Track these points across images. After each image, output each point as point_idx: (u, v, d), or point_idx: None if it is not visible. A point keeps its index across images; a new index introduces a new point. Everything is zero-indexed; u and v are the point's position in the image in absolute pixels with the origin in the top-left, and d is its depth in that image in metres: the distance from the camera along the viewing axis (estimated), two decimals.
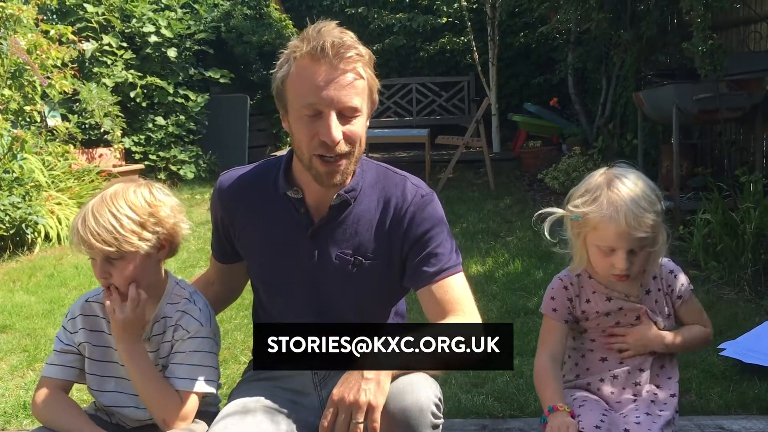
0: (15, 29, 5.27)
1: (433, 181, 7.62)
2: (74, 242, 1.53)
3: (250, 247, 1.70)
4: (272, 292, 1.72)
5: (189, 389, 1.56)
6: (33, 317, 3.85)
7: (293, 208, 1.62)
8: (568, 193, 1.73)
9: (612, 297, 1.72)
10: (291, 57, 1.48)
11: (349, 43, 1.45)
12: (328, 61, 1.43)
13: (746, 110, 4.57)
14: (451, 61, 10.65)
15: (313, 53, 1.44)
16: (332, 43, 1.43)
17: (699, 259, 4.03)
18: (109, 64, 7.72)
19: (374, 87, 1.53)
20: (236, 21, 9.01)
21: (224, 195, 1.70)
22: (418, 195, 1.62)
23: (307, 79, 1.45)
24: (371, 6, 10.20)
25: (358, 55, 1.47)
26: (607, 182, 1.64)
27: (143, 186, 1.59)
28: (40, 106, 5.91)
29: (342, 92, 1.45)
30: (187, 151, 8.23)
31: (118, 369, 1.62)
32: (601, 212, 1.60)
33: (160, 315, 1.62)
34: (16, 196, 5.12)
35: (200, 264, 4.82)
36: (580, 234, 1.67)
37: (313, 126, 1.46)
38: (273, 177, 1.65)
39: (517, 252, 4.80)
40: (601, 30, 6.37)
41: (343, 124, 1.47)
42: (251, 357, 1.89)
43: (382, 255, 1.60)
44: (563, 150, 8.00)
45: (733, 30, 5.36)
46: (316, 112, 1.45)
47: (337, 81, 1.44)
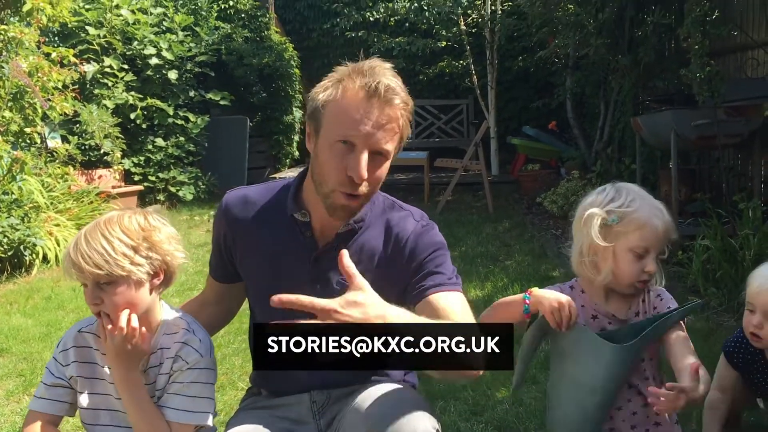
0: (17, 52, 5.30)
1: (432, 203, 7.63)
2: (65, 266, 1.50)
3: (250, 267, 1.69)
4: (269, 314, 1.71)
5: (183, 421, 1.54)
6: (30, 341, 3.82)
7: (299, 231, 1.62)
8: (583, 211, 1.69)
9: (598, 315, 1.70)
10: (340, 84, 1.48)
11: (400, 89, 1.47)
12: (378, 102, 1.44)
13: (744, 136, 4.59)
14: (450, 84, 10.72)
15: (366, 89, 1.44)
16: (387, 85, 1.44)
17: (698, 286, 4.02)
18: (110, 86, 7.75)
19: (405, 136, 1.55)
20: (237, 44, 9.08)
21: (229, 213, 1.69)
22: (419, 225, 1.64)
23: (352, 112, 1.45)
24: (371, 30, 10.28)
25: (404, 103, 1.49)
26: (630, 189, 1.67)
27: (138, 213, 1.57)
28: (40, 128, 5.92)
29: (381, 135, 1.46)
30: (187, 172, 8.25)
31: (112, 402, 1.58)
32: (647, 211, 1.63)
33: (157, 346, 1.58)
34: (15, 217, 5.11)
35: (198, 287, 4.81)
36: (617, 238, 1.64)
37: (343, 158, 1.46)
38: (281, 198, 1.65)
39: (516, 276, 4.79)
40: (599, 55, 6.42)
41: (371, 164, 1.47)
42: (249, 384, 1.88)
43: (383, 286, 1.59)
44: (562, 173, 8.03)
45: (731, 56, 5.39)
46: (350, 144, 1.46)
47: (380, 123, 1.45)
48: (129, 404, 1.53)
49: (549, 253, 5.35)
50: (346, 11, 10.63)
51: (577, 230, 1.70)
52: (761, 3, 4.75)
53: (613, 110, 7.08)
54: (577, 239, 1.71)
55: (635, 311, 1.72)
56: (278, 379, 1.70)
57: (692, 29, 4.48)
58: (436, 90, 10.86)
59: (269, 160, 9.97)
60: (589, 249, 1.67)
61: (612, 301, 1.72)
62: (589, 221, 1.65)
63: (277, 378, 1.71)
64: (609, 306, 1.71)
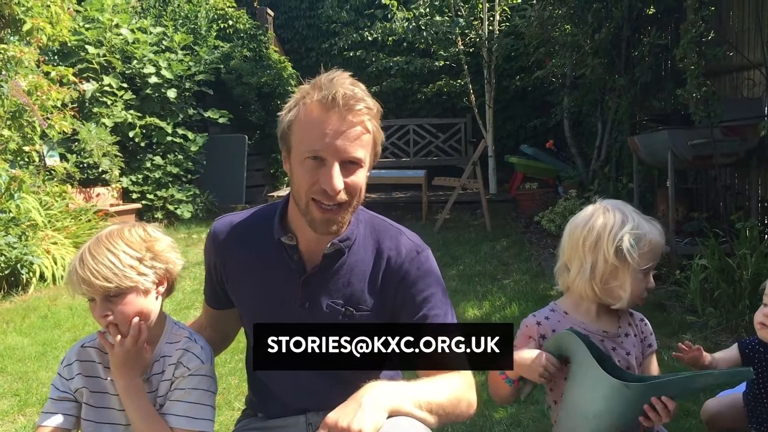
0: (16, 71, 5.33)
1: (429, 222, 7.64)
2: (73, 283, 1.52)
3: (242, 294, 1.69)
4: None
5: (186, 428, 1.55)
6: (25, 360, 3.81)
7: (287, 255, 1.61)
8: (588, 233, 1.67)
9: (589, 334, 1.67)
10: (300, 102, 1.49)
11: (360, 95, 1.47)
12: (338, 111, 1.44)
13: (740, 156, 4.61)
14: (448, 103, 10.78)
15: (323, 101, 1.44)
16: (344, 94, 1.44)
17: (696, 305, 4.01)
18: (109, 105, 7.78)
19: (378, 140, 1.55)
20: (236, 62, 9.13)
21: (218, 241, 1.70)
22: (413, 251, 1.61)
23: (314, 126, 1.45)
24: (369, 49, 10.34)
25: (367, 108, 1.48)
26: (626, 209, 1.68)
27: (137, 225, 1.61)
28: (39, 146, 5.93)
29: (348, 143, 1.45)
30: (185, 190, 8.26)
31: (115, 415, 1.60)
32: (655, 231, 1.66)
33: (159, 354, 1.61)
34: (12, 236, 5.11)
35: (195, 305, 4.80)
36: (629, 259, 1.63)
37: (315, 172, 1.46)
38: (268, 223, 1.65)
39: (514, 295, 4.78)
40: (596, 75, 6.46)
41: (345, 174, 1.47)
42: (245, 404, 1.87)
43: (373, 308, 1.59)
44: (559, 192, 8.04)
45: (727, 76, 5.43)
46: (320, 159, 1.45)
47: (344, 132, 1.45)
48: (132, 413, 1.54)
49: (547, 272, 5.35)
50: (345, 31, 10.72)
51: (585, 253, 1.66)
52: (757, 24, 4.79)
53: (610, 129, 7.11)
54: (584, 261, 1.67)
55: (625, 331, 1.72)
56: (274, 401, 1.70)
57: (688, 50, 4.51)
58: (434, 109, 10.92)
59: (267, 178, 9.99)
60: (603, 272, 1.65)
61: (602, 318, 1.71)
62: (608, 245, 1.63)
63: (273, 400, 1.70)
64: (599, 323, 1.70)
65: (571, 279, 1.70)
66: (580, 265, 1.68)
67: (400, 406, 1.42)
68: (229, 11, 9.84)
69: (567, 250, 1.72)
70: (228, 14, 9.81)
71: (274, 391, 1.70)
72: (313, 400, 1.65)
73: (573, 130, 8.30)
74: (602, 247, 1.64)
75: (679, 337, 3.70)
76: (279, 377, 1.68)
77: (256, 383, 1.76)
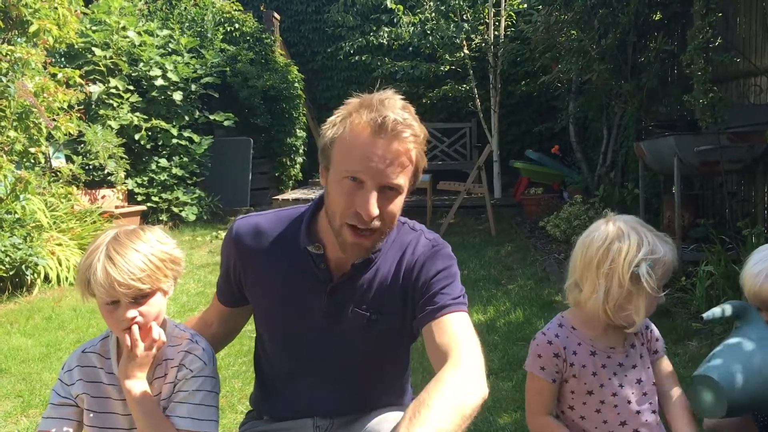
0: (23, 72, 5.34)
1: (434, 226, 7.63)
2: (100, 285, 1.47)
3: (261, 297, 1.67)
4: (280, 344, 1.69)
5: (190, 429, 1.54)
6: (29, 361, 3.81)
7: (312, 263, 1.58)
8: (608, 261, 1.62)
9: (596, 351, 1.66)
10: (348, 119, 1.44)
11: (409, 122, 1.43)
12: (385, 136, 1.40)
13: (747, 162, 4.59)
14: (454, 107, 10.78)
15: (372, 124, 1.40)
16: (394, 120, 1.40)
17: (702, 312, 3.98)
18: (115, 107, 7.79)
19: (421, 166, 1.51)
20: (242, 65, 9.15)
21: (240, 242, 1.65)
22: (429, 245, 1.61)
23: (358, 147, 1.41)
24: (375, 54, 10.36)
25: (414, 135, 1.44)
26: (638, 227, 1.64)
27: (146, 228, 1.60)
28: (45, 148, 5.95)
29: (389, 170, 1.41)
30: (190, 192, 8.27)
31: (118, 419, 1.59)
32: (669, 251, 1.62)
33: (162, 357, 1.60)
34: (18, 237, 5.11)
35: (199, 308, 4.79)
36: (651, 288, 1.59)
37: (352, 194, 1.43)
38: (294, 229, 1.62)
39: (519, 300, 4.76)
40: (602, 81, 6.45)
41: (382, 199, 1.43)
42: (249, 407, 1.86)
43: (396, 310, 1.58)
44: (565, 197, 8.03)
45: (734, 83, 5.41)
46: (359, 181, 1.42)
47: (388, 159, 1.41)
48: (140, 416, 1.53)
49: (552, 278, 5.33)
50: (351, 35, 10.73)
51: (599, 276, 1.62)
52: (764, 30, 4.78)
53: (616, 135, 7.10)
54: (597, 285, 1.62)
55: (630, 342, 1.70)
56: (282, 403, 1.69)
57: (695, 56, 4.51)
58: (439, 113, 10.92)
59: (272, 182, 10.00)
60: (618, 297, 1.61)
61: (609, 334, 1.69)
62: (623, 272, 1.59)
63: (281, 403, 1.69)
64: (607, 340, 1.68)
65: (584, 299, 1.66)
66: (593, 288, 1.63)
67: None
68: (235, 14, 9.86)
69: (579, 270, 1.67)
70: (234, 17, 9.84)
71: (282, 393, 1.69)
72: (321, 403, 1.64)
73: (578, 135, 8.30)
74: (617, 272, 1.59)
75: (685, 344, 3.68)
76: (288, 379, 1.67)
77: (265, 384, 1.75)
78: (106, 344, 1.63)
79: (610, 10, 6.10)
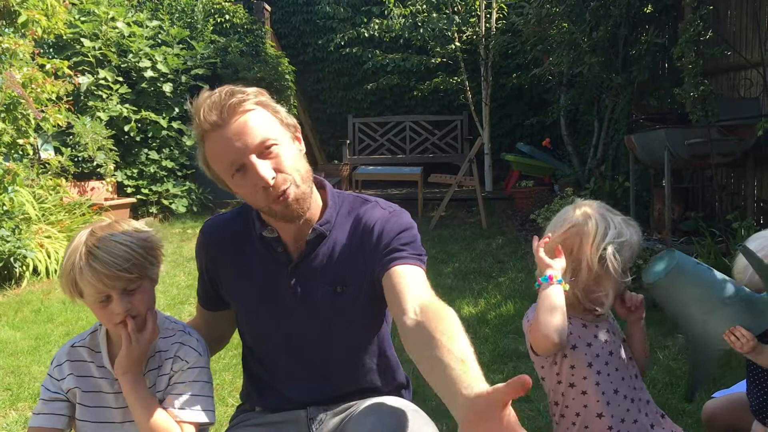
0: (11, 63, 5.29)
1: (425, 219, 7.63)
2: (86, 283, 1.46)
3: (235, 292, 1.70)
4: (259, 334, 1.71)
5: (189, 420, 1.54)
6: (18, 354, 3.78)
7: (271, 248, 1.63)
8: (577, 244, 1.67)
9: (587, 324, 1.71)
10: (200, 140, 1.53)
11: (228, 93, 1.48)
12: (224, 121, 1.47)
13: (737, 155, 4.61)
14: (445, 100, 10.77)
15: (213, 125, 1.47)
16: (219, 103, 1.47)
17: None
18: (105, 98, 7.74)
19: (281, 112, 1.56)
20: (232, 57, 9.09)
21: (207, 242, 1.72)
22: (386, 212, 1.63)
23: (218, 147, 1.49)
24: (366, 46, 10.32)
25: (242, 95, 1.49)
26: (604, 212, 1.69)
27: (120, 221, 1.59)
28: (33, 139, 5.90)
29: (246, 136, 1.47)
30: (180, 185, 8.23)
31: (111, 413, 1.58)
32: (635, 234, 1.70)
33: (155, 349, 1.60)
34: (6, 229, 5.07)
35: (190, 300, 4.78)
36: (617, 271, 1.66)
37: (246, 180, 1.49)
38: (250, 220, 1.66)
39: (510, 293, 4.77)
40: (593, 73, 6.45)
41: (268, 160, 1.48)
42: (239, 400, 1.85)
43: (360, 279, 1.59)
44: (555, 190, 8.04)
45: (724, 76, 5.43)
46: (240, 166, 1.48)
47: (237, 131, 1.47)
48: (138, 408, 1.52)
49: None
50: (342, 27, 10.68)
51: (569, 260, 1.66)
52: (754, 23, 4.79)
53: (606, 128, 7.11)
54: (567, 268, 1.66)
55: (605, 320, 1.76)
56: (274, 395, 1.69)
57: (686, 49, 4.51)
58: (430, 106, 10.91)
59: None
60: (587, 279, 1.66)
61: (584, 312, 1.73)
62: (592, 255, 1.64)
63: (273, 394, 1.69)
64: (584, 317, 1.72)
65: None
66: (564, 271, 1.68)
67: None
68: (225, 5, 9.79)
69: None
70: (225, 8, 9.77)
71: (273, 386, 1.69)
72: (313, 393, 1.65)
73: (569, 128, 8.30)
74: (586, 256, 1.65)
75: (675, 336, 3.69)
76: (277, 371, 1.68)
77: (254, 378, 1.75)
78: (96, 338, 1.62)
79: (602, 2, 6.09)
